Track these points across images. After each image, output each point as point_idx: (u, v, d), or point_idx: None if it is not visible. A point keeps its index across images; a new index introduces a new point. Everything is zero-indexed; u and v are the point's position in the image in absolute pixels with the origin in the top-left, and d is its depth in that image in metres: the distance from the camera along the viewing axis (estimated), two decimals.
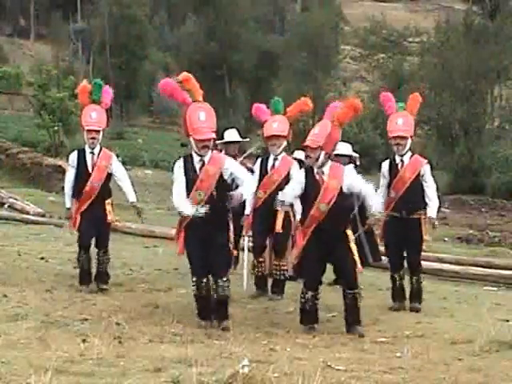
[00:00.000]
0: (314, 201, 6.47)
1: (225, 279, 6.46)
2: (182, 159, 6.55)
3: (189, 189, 6.38)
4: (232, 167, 6.51)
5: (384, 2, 75.05)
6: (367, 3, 75.30)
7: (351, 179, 6.55)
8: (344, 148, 9.14)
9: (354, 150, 9.59)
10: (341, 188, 6.46)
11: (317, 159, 6.48)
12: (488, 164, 38.25)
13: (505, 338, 5.80)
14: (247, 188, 6.48)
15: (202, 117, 6.37)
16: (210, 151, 6.47)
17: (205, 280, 6.50)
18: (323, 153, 6.47)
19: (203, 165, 6.42)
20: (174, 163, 6.76)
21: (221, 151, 9.82)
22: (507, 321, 6.92)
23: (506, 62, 42.33)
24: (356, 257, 6.52)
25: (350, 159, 9.12)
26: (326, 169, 6.52)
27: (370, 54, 62.88)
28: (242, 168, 6.78)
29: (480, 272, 11.45)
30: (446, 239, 20.81)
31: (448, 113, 40.35)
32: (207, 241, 6.41)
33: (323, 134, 6.48)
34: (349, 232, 6.57)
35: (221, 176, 6.41)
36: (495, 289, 10.54)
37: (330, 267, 9.73)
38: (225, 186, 6.43)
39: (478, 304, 7.81)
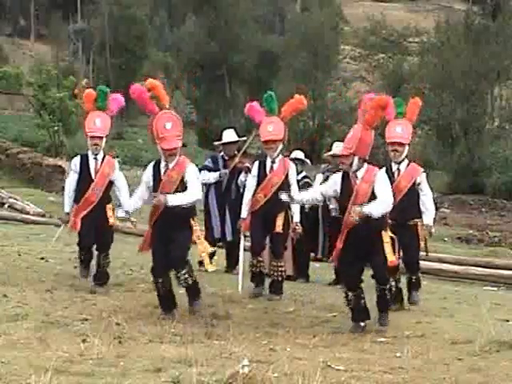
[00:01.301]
0: (348, 204, 6.50)
1: (183, 271, 6.73)
2: (152, 164, 6.93)
3: (154, 191, 6.76)
4: (189, 175, 6.75)
5: (384, 2, 75.00)
6: (367, 3, 75.26)
7: (379, 184, 6.51)
8: (338, 148, 9.16)
9: None
10: (372, 191, 6.47)
11: (350, 165, 6.53)
12: (488, 164, 38.24)
13: (505, 338, 5.81)
14: (179, 197, 6.62)
15: (168, 126, 6.67)
16: (177, 157, 6.77)
17: (161, 280, 6.79)
18: (356, 158, 6.50)
19: (167, 170, 6.74)
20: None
21: (220, 152, 9.86)
22: (507, 321, 6.93)
23: (506, 62, 42.33)
24: (389, 253, 6.48)
25: None
26: (360, 173, 6.54)
27: (370, 54, 62.88)
28: (196, 181, 6.84)
29: (480, 272, 11.48)
30: (446, 239, 20.82)
31: (448, 113, 40.35)
32: (168, 240, 6.71)
33: (355, 139, 6.51)
34: (384, 233, 6.52)
35: (182, 180, 6.72)
36: (495, 289, 10.56)
37: (330, 267, 9.76)
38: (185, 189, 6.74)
39: (477, 304, 7.81)
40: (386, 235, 6.54)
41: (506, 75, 43.70)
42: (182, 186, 6.72)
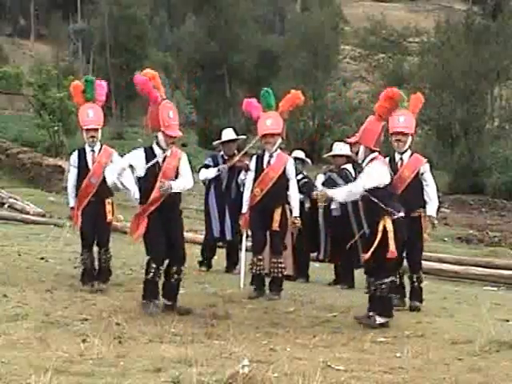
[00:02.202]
0: None
1: (183, 268, 7.01)
2: (143, 150, 7.00)
3: (149, 179, 6.84)
4: (184, 163, 7.01)
5: (384, 2, 75.05)
6: (367, 3, 75.30)
7: (364, 172, 6.75)
8: (340, 148, 9.17)
9: None
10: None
11: (357, 153, 6.81)
12: (488, 164, 38.26)
13: (505, 338, 5.81)
14: (181, 183, 6.91)
15: (171, 114, 6.91)
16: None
17: (162, 267, 6.95)
18: (362, 147, 6.73)
19: (165, 158, 6.91)
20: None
21: (220, 151, 9.86)
22: (507, 321, 6.92)
23: (506, 62, 42.36)
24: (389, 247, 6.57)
25: (347, 159, 9.13)
26: (365, 163, 6.77)
27: (370, 54, 62.94)
28: (189, 169, 7.05)
29: (480, 272, 11.47)
30: (446, 239, 20.83)
31: (448, 113, 40.36)
32: (167, 229, 6.88)
33: (362, 128, 6.83)
34: (381, 224, 6.60)
35: (177, 167, 6.95)
36: (495, 289, 10.55)
37: (330, 267, 9.76)
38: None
39: (477, 304, 7.80)
40: (381, 224, 6.58)
41: (506, 75, 43.73)
42: (177, 174, 6.95)
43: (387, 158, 7.68)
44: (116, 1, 50.92)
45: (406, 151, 7.59)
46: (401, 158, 7.59)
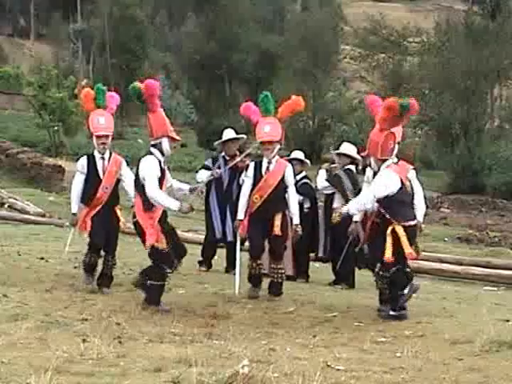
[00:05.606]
0: None
1: None
2: (153, 157, 7.11)
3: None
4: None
5: (384, 2, 75.07)
6: (367, 3, 75.30)
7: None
8: (350, 149, 9.14)
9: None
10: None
11: (370, 165, 7.03)
12: (488, 164, 38.26)
13: (505, 338, 5.80)
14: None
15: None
16: None
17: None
18: (372, 158, 6.93)
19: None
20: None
21: (220, 152, 9.83)
22: (507, 321, 6.91)
23: (506, 62, 42.36)
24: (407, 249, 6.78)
25: (351, 160, 9.12)
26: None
27: (370, 54, 62.74)
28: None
29: (480, 272, 11.47)
30: (446, 239, 20.82)
31: (448, 113, 40.36)
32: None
33: (368, 140, 6.97)
34: (389, 228, 6.80)
35: None
36: (495, 289, 10.55)
37: (330, 267, 9.76)
38: None
39: (477, 304, 7.80)
40: (390, 229, 6.78)
41: (506, 75, 43.73)
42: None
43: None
44: (116, 1, 50.94)
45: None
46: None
